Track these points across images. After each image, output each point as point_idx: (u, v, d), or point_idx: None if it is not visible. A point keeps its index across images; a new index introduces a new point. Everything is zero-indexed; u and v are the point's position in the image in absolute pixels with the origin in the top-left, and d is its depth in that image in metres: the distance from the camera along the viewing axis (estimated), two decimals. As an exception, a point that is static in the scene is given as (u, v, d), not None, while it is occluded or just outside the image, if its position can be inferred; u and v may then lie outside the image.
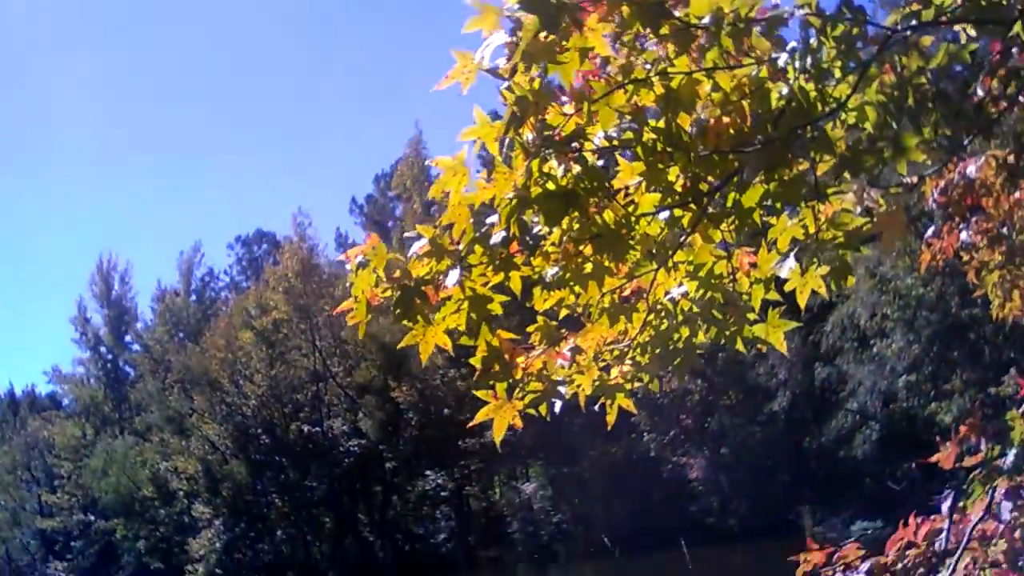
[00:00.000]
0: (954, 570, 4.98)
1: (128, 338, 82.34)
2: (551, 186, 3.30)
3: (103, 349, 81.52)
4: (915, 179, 5.40)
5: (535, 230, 3.43)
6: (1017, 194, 7.69)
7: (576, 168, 3.29)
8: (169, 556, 63.83)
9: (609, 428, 4.48)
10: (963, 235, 8.17)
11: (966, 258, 8.34)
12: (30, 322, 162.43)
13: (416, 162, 66.18)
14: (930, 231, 8.52)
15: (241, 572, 59.39)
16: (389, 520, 58.97)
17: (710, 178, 3.42)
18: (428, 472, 57.89)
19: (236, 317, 63.31)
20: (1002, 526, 5.13)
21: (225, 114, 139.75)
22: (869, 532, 32.41)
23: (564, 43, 3.26)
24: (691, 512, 46.43)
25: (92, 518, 73.15)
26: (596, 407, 4.11)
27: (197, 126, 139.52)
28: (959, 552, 5.08)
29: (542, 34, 3.27)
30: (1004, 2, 3.64)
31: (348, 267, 3.64)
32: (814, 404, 44.38)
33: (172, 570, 62.24)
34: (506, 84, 3.32)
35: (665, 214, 3.52)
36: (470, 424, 4.12)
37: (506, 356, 3.69)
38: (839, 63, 3.54)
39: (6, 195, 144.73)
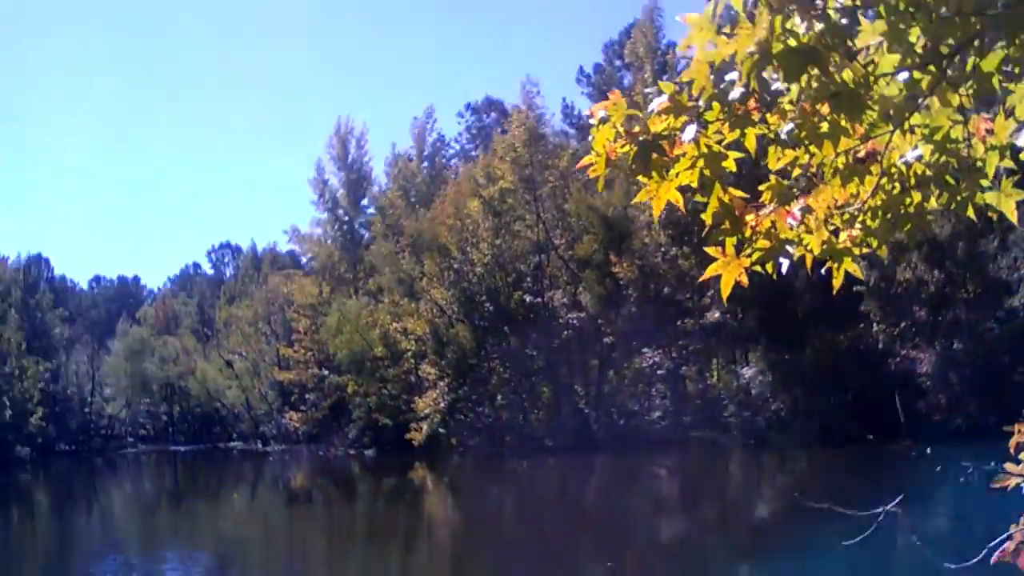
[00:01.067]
0: None
1: (364, 201, 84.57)
2: (792, 43, 3.35)
3: (340, 211, 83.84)
4: None
5: (773, 87, 3.50)
6: None
7: (818, 25, 3.34)
8: (396, 413, 66.49)
9: (834, 292, 4.55)
10: None
11: None
12: (273, 181, 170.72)
13: (649, 29, 64.10)
14: None
15: (462, 433, 61.66)
16: (604, 394, 59.87)
17: (950, 40, 3.41)
18: (645, 349, 58.25)
19: (464, 185, 64.54)
20: None
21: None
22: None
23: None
24: (916, 408, 45.09)
25: (326, 373, 76.49)
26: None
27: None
28: None
29: None
30: None
31: (591, 120, 3.78)
32: (1059, 301, 42.23)
33: (398, 427, 64.84)
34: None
35: (904, 75, 3.52)
36: (700, 278, 4.23)
37: (736, 213, 3.80)
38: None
39: (252, 59, 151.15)
